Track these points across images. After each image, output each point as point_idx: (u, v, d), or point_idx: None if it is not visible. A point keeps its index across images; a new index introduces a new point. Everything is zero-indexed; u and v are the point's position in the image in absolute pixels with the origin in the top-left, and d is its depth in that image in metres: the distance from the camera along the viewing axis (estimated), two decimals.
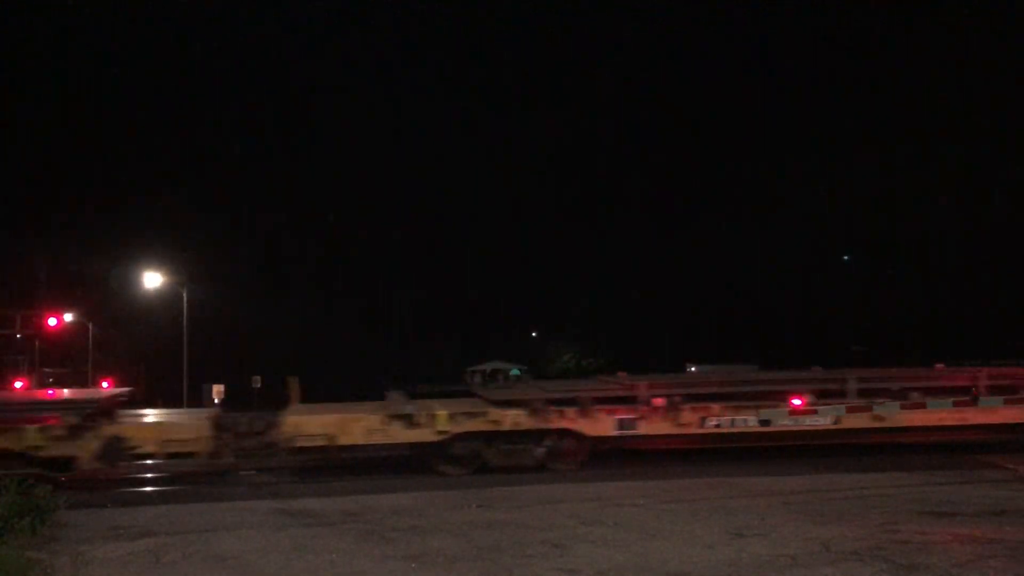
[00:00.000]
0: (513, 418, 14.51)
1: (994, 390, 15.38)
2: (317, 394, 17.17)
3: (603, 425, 14.70)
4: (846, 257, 57.17)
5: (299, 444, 14.21)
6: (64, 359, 44.47)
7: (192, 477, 14.89)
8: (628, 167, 79.51)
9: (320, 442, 14.22)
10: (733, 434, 15.02)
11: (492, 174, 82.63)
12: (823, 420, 14.93)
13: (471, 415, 14.53)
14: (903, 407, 15.10)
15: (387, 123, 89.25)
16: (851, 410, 14.97)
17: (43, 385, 36.81)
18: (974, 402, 15.25)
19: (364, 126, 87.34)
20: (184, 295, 36.02)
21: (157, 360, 42.97)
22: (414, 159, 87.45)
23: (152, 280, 36.50)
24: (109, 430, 13.96)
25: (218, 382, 32.83)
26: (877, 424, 15.12)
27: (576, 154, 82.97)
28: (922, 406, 15.16)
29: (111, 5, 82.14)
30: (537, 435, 14.65)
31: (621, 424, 14.71)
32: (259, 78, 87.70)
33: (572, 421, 14.67)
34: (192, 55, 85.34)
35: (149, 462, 15.36)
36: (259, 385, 35.93)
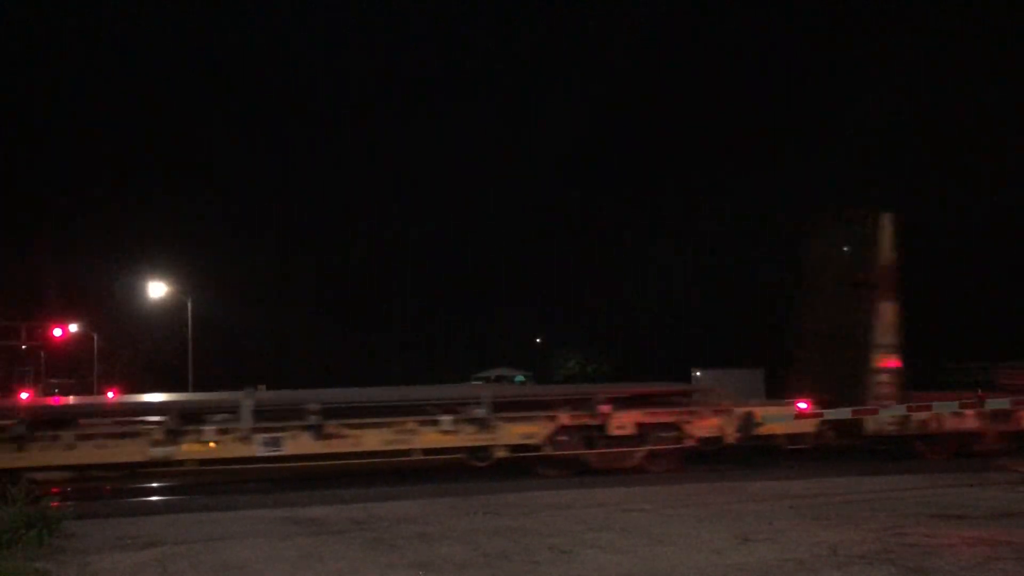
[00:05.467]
0: None
1: None
2: None
3: None
4: None
5: None
6: (70, 370, 44.55)
7: (199, 486, 14.89)
8: (627, 173, 79.54)
9: None
10: None
11: (497, 179, 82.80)
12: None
13: None
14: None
15: (392, 128, 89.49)
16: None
17: (49, 396, 36.82)
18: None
19: (367, 132, 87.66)
20: (189, 304, 36.16)
21: (162, 369, 43.05)
22: (418, 164, 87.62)
23: (156, 290, 36.64)
24: None
25: (222, 390, 32.79)
26: None
27: (576, 160, 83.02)
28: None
29: (127, 15, 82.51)
30: None
31: None
32: (263, 86, 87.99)
33: None
34: (198, 65, 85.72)
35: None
36: None
